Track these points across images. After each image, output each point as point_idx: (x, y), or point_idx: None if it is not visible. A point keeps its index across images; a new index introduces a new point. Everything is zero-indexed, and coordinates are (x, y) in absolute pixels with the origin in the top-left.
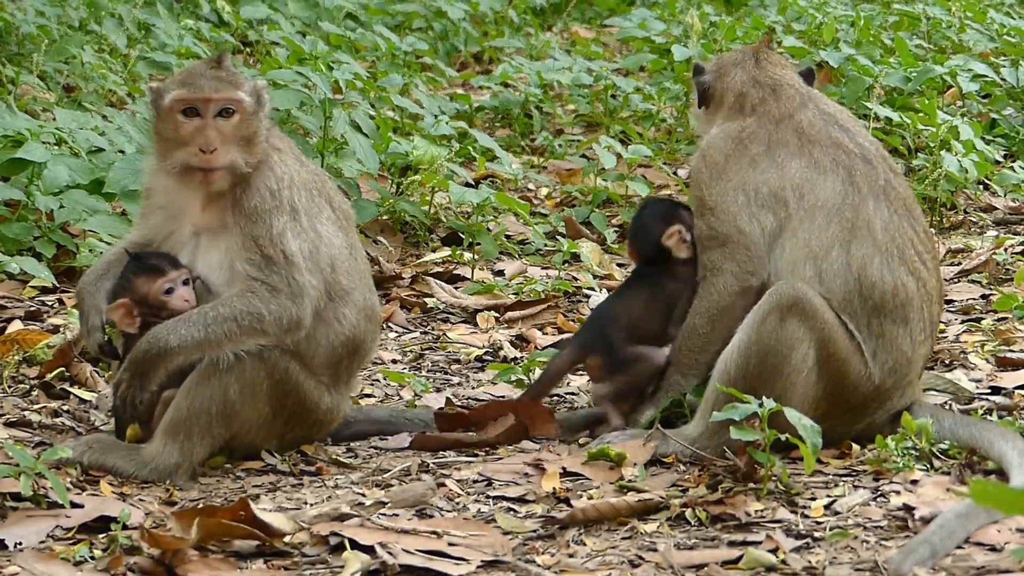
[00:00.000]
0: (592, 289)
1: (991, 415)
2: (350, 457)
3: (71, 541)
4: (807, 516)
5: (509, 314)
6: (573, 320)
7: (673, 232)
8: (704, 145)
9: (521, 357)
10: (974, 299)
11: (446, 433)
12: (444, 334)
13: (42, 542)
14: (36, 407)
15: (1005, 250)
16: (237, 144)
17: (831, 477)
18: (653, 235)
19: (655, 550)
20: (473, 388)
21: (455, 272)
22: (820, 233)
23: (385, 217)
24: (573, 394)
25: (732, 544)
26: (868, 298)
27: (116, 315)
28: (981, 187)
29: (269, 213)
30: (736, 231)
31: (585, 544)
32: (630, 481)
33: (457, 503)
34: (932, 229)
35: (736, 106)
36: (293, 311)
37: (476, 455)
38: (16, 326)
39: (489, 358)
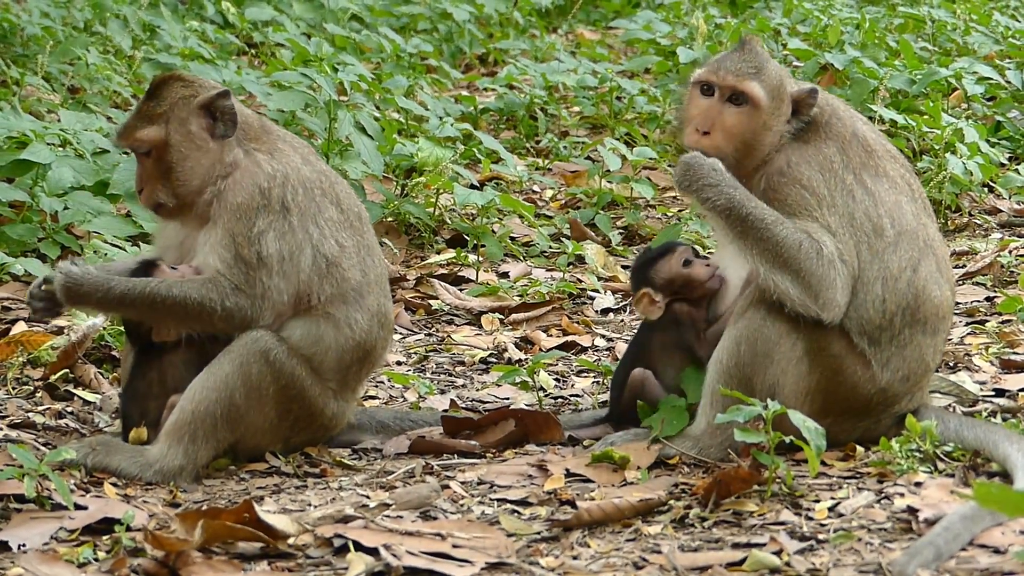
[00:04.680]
0: (596, 291)
1: (995, 417)
2: (354, 459)
3: (75, 543)
4: (811, 518)
5: (514, 316)
6: (577, 322)
7: (641, 296)
8: (795, 173)
9: (526, 359)
10: (979, 301)
11: (446, 438)
12: (449, 336)
13: (46, 544)
14: (40, 409)
15: (1010, 252)
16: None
17: (835, 479)
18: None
19: (659, 552)
20: (477, 390)
21: (460, 274)
22: (902, 256)
23: (390, 219)
24: (578, 396)
25: (736, 546)
26: (916, 311)
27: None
28: (986, 189)
29: (255, 212)
30: (847, 258)
31: (589, 546)
32: (633, 483)
33: (461, 505)
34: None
35: (813, 126)
36: (249, 311)
37: (483, 456)
38: (20, 327)
39: (494, 360)
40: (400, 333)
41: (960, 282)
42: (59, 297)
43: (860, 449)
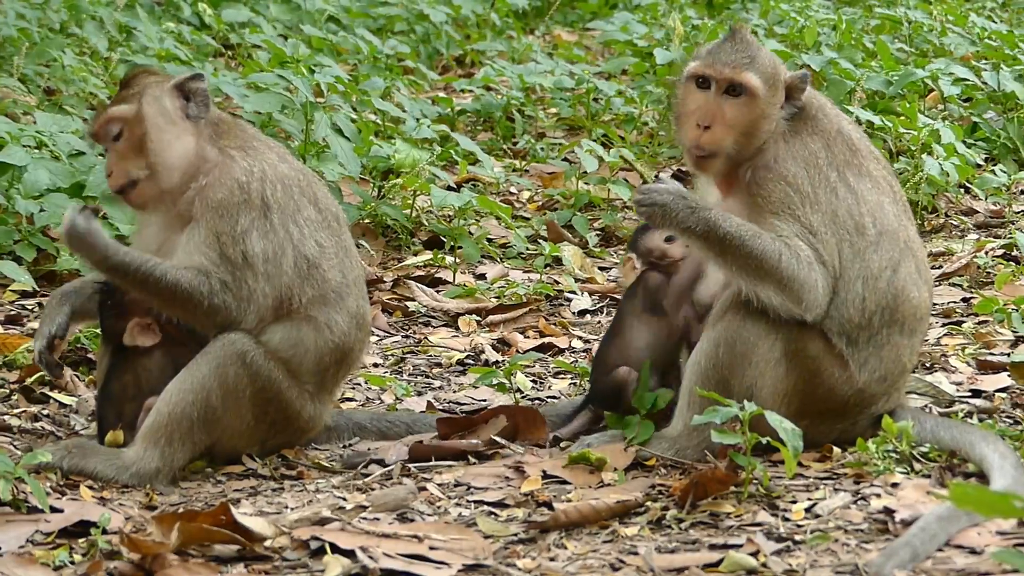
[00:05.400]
0: (573, 292)
1: (971, 418)
2: (331, 461)
3: (51, 546)
4: (788, 519)
5: (491, 318)
6: (554, 324)
7: (625, 260)
8: (780, 169)
9: (503, 361)
10: (955, 302)
11: (443, 440)
12: (426, 338)
13: (22, 547)
14: (16, 411)
15: (986, 253)
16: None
17: (812, 480)
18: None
19: (636, 553)
20: (454, 392)
21: (437, 276)
22: (883, 255)
23: (367, 221)
24: (555, 397)
25: (713, 547)
26: (895, 311)
27: (135, 329)
28: (962, 190)
29: (237, 208)
30: (825, 259)
31: (566, 548)
32: (610, 485)
33: (438, 507)
34: None
35: (800, 120)
36: (234, 311)
37: (466, 458)
38: None
39: (471, 362)
40: (377, 335)
41: (936, 283)
42: (63, 239)
43: (837, 450)
